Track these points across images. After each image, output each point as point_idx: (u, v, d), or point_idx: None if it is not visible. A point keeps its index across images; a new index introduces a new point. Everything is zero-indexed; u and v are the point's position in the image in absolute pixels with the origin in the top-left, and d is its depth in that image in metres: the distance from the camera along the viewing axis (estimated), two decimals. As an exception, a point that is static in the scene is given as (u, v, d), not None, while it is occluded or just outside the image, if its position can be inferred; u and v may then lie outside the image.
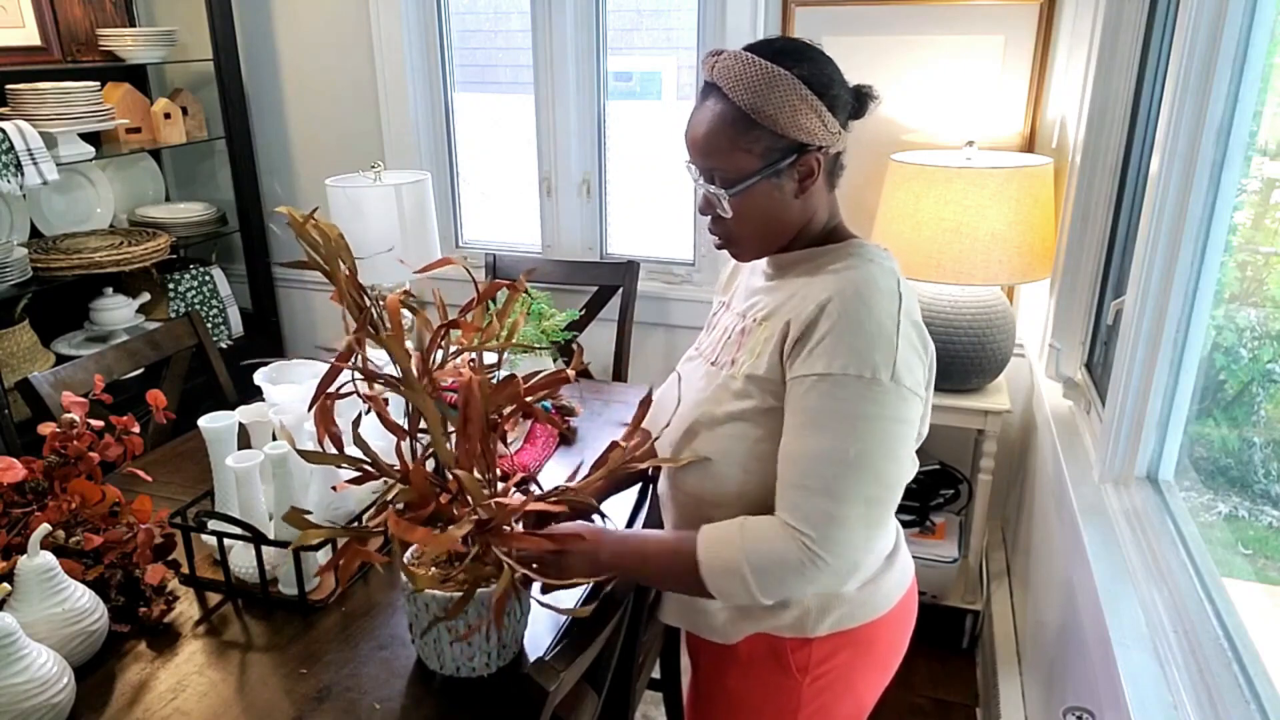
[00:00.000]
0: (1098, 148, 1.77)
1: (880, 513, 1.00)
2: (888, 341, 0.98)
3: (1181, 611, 1.10)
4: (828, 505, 0.97)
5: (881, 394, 0.97)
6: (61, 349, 2.62)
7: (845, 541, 0.97)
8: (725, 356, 1.13)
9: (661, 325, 2.72)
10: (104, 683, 1.15)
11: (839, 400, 0.98)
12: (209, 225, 2.93)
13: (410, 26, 2.71)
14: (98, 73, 2.66)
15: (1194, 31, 1.18)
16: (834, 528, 0.97)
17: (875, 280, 1.02)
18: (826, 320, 0.99)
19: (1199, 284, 1.26)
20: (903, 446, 1.01)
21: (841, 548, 0.97)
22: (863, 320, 0.98)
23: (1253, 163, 1.21)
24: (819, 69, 1.04)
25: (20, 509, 1.26)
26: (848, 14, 2.26)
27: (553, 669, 0.98)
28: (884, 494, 1.00)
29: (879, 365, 0.97)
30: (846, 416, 0.98)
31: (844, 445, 0.97)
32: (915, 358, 1.02)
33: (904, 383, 0.99)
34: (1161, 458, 1.37)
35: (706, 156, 1.06)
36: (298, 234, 1.00)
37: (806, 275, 1.08)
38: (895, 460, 1.00)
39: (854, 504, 0.97)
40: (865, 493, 0.98)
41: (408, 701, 1.11)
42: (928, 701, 2.16)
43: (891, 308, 1.00)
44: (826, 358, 0.99)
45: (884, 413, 0.98)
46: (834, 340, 0.99)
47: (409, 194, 2.17)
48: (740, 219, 1.08)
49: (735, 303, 1.20)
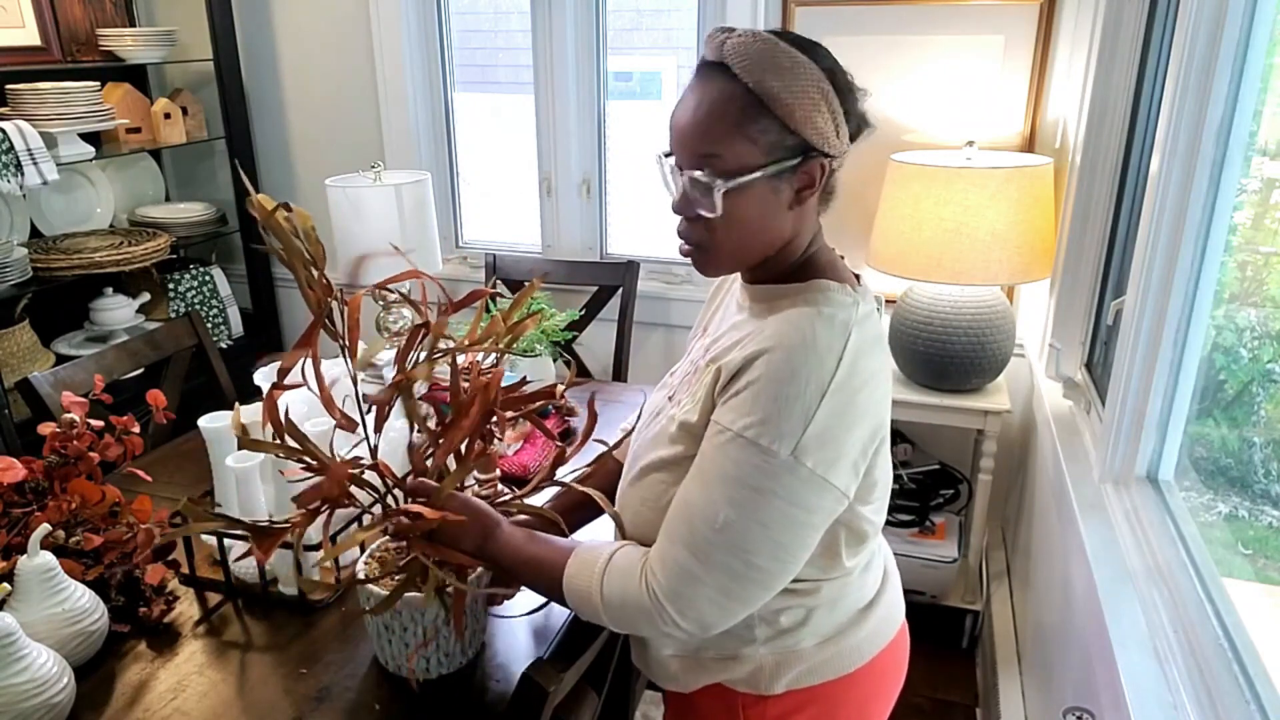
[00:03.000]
0: (1098, 148, 1.77)
1: (744, 589, 0.91)
2: (802, 414, 0.87)
3: (1181, 611, 1.10)
4: (686, 561, 0.91)
5: (776, 469, 0.88)
6: (61, 349, 2.62)
7: (694, 601, 0.91)
8: (680, 394, 1.04)
9: (661, 325, 2.72)
10: (104, 683, 1.15)
11: (730, 461, 0.90)
12: (209, 225, 2.93)
13: (410, 26, 2.71)
14: (98, 73, 2.66)
15: (1194, 31, 1.18)
16: (685, 584, 0.91)
17: (815, 339, 0.89)
18: (750, 373, 0.91)
19: (1199, 284, 1.26)
20: (787, 530, 0.90)
21: (689, 608, 0.91)
22: (783, 384, 0.88)
23: (1253, 163, 1.21)
24: (843, 71, 0.95)
25: (20, 509, 1.26)
26: (848, 14, 2.26)
27: (553, 669, 0.98)
28: (749, 572, 0.91)
29: (782, 437, 0.87)
30: (731, 480, 0.90)
31: (717, 508, 0.90)
32: (841, 433, 0.89)
33: (806, 463, 0.88)
34: (1161, 458, 1.37)
35: (703, 140, 0.91)
36: (264, 223, 0.95)
37: (764, 316, 0.97)
38: (772, 542, 0.90)
39: (711, 569, 0.90)
40: (726, 562, 0.90)
41: (408, 702, 1.11)
42: (927, 701, 2.16)
43: (822, 375, 0.88)
44: (734, 413, 0.91)
45: (773, 489, 0.88)
46: (749, 397, 0.90)
47: (409, 194, 2.16)
48: (727, 222, 0.94)
49: (711, 327, 1.13)
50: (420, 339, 1.04)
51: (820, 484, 0.90)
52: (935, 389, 2.16)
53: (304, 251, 0.97)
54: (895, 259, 2.02)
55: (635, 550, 0.98)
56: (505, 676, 1.16)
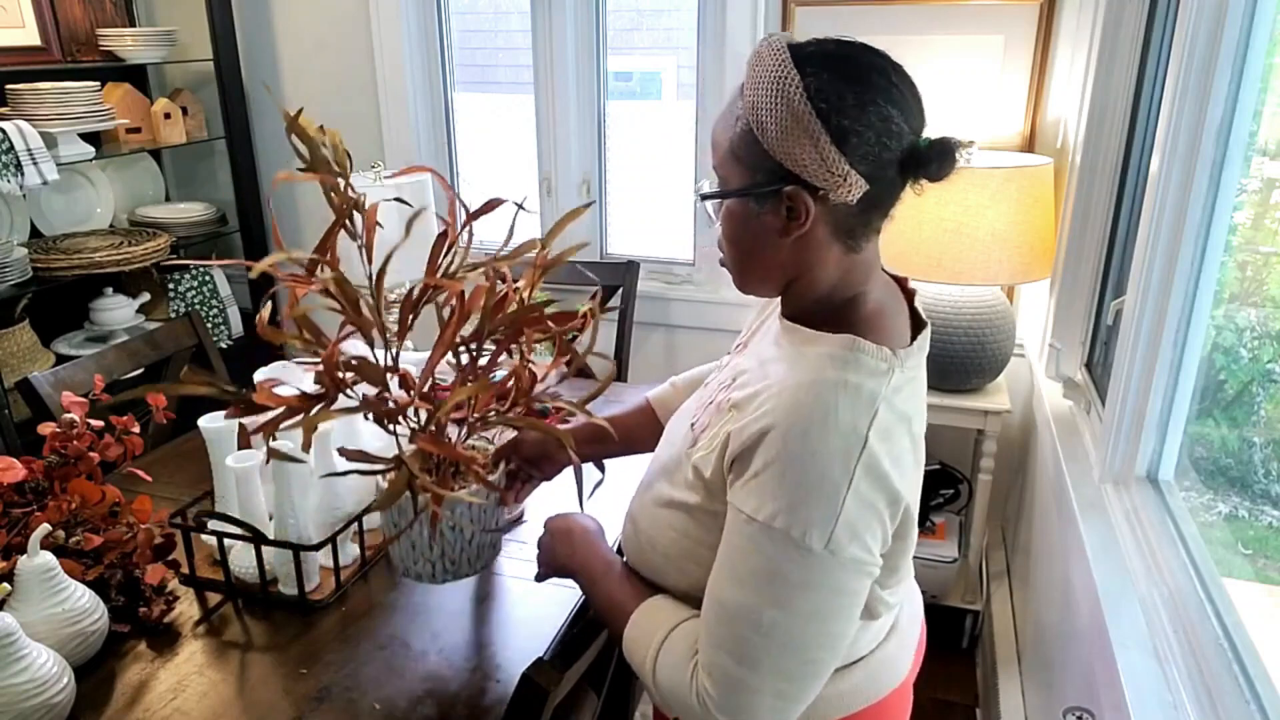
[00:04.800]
0: (1098, 148, 1.77)
1: (798, 688, 0.86)
2: (829, 499, 0.81)
3: (1181, 611, 1.10)
4: (735, 670, 0.85)
5: (812, 562, 0.81)
6: (61, 349, 2.62)
7: (753, 710, 0.86)
8: (702, 421, 0.98)
9: (661, 325, 2.71)
10: (104, 683, 1.15)
11: (763, 555, 0.83)
12: (209, 225, 2.93)
13: (410, 26, 2.71)
14: (98, 73, 2.66)
15: (1194, 31, 1.18)
16: (741, 695, 0.86)
17: (835, 411, 0.82)
18: (765, 452, 0.83)
19: (1199, 284, 1.26)
20: (835, 618, 0.85)
21: (744, 715, 0.86)
22: (805, 466, 0.81)
23: (1253, 163, 1.21)
24: (846, 87, 0.82)
25: (20, 509, 1.26)
26: (848, 14, 2.26)
27: (553, 669, 0.98)
28: (803, 669, 0.86)
29: (812, 527, 0.80)
30: (767, 575, 0.83)
31: (759, 608, 0.83)
32: (871, 518, 0.83)
33: (843, 553, 0.81)
34: (1161, 458, 1.37)
35: (712, 153, 0.91)
36: (290, 130, 0.96)
37: (793, 360, 0.90)
38: (824, 633, 0.85)
39: (763, 675, 0.84)
40: (778, 665, 0.84)
41: (408, 701, 1.11)
42: (928, 701, 2.16)
43: (847, 451, 0.81)
44: (757, 499, 0.83)
45: (813, 580, 0.82)
46: (769, 480, 0.82)
47: (409, 194, 2.16)
48: (725, 237, 0.92)
49: (750, 347, 1.04)
50: (446, 248, 1.06)
51: (856, 567, 0.84)
52: (935, 389, 2.16)
53: (330, 160, 1.01)
54: (895, 259, 2.02)
55: (688, 637, 0.92)
56: (505, 676, 1.16)
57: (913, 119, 0.85)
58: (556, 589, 1.35)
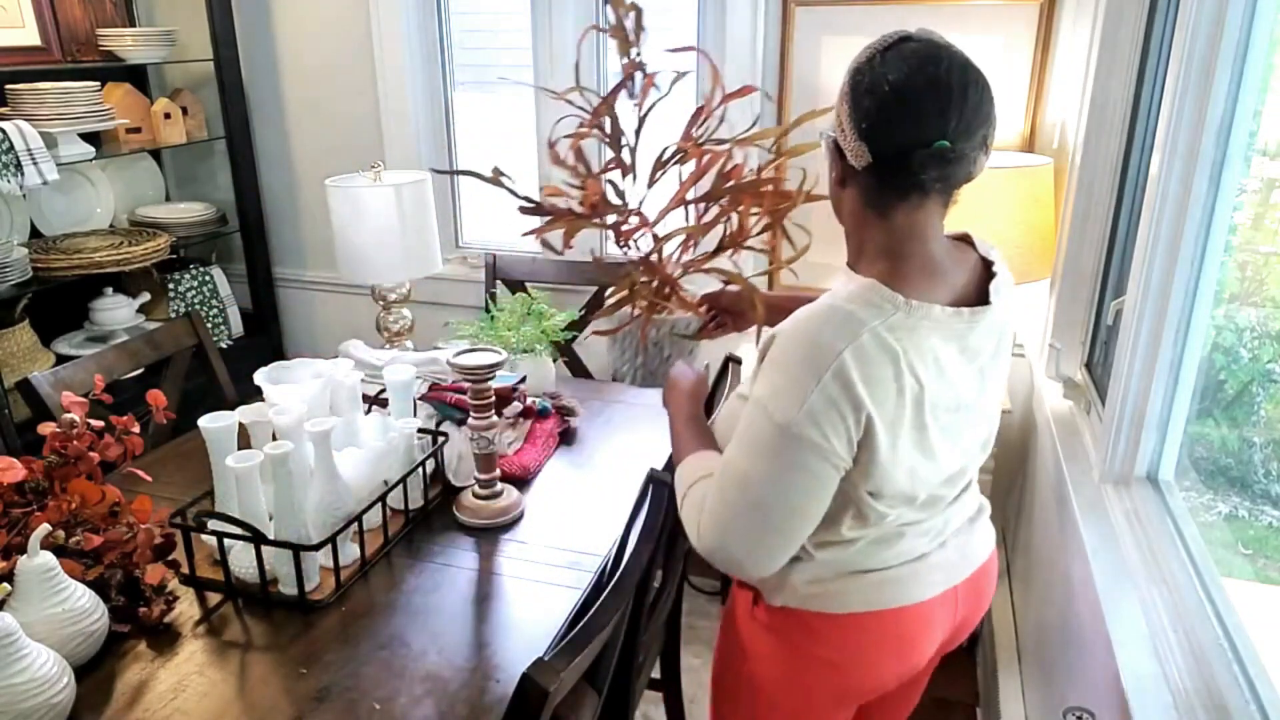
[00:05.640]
0: (1098, 148, 1.77)
1: (764, 543, 1.06)
2: (801, 391, 0.99)
3: (1181, 611, 1.10)
4: (719, 512, 1.07)
5: (775, 435, 1.02)
6: (61, 349, 2.62)
7: (721, 548, 1.08)
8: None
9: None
10: (104, 683, 1.15)
11: (754, 427, 1.05)
12: (209, 225, 2.93)
13: (410, 26, 2.71)
14: (98, 73, 2.65)
15: (1194, 31, 1.18)
16: (717, 532, 1.08)
17: (823, 328, 1.01)
18: (771, 352, 1.05)
19: (1199, 284, 1.26)
20: (795, 490, 1.03)
21: (705, 536, 1.09)
22: (790, 363, 1.02)
23: (1253, 163, 1.21)
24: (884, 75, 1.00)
25: (20, 509, 1.26)
26: (848, 14, 2.26)
27: (553, 669, 0.98)
28: (766, 524, 1.05)
29: (780, 409, 1.01)
30: (752, 441, 1.05)
31: (743, 467, 1.05)
32: (833, 413, 0.99)
33: (804, 434, 1.00)
34: (1161, 458, 1.37)
35: None
36: None
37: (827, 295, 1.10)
38: (788, 502, 1.04)
39: (737, 522, 1.06)
40: (750, 518, 1.05)
41: (407, 701, 1.11)
42: (928, 700, 2.16)
43: (822, 361, 0.99)
44: (758, 385, 1.05)
45: (779, 450, 1.02)
46: (766, 371, 1.05)
47: (409, 194, 2.16)
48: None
49: None
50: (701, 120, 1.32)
51: (816, 450, 1.01)
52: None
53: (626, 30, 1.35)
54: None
55: (706, 481, 1.13)
56: (505, 676, 1.16)
57: (948, 123, 0.98)
58: (556, 589, 1.35)
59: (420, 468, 1.53)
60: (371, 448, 1.47)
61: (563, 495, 1.64)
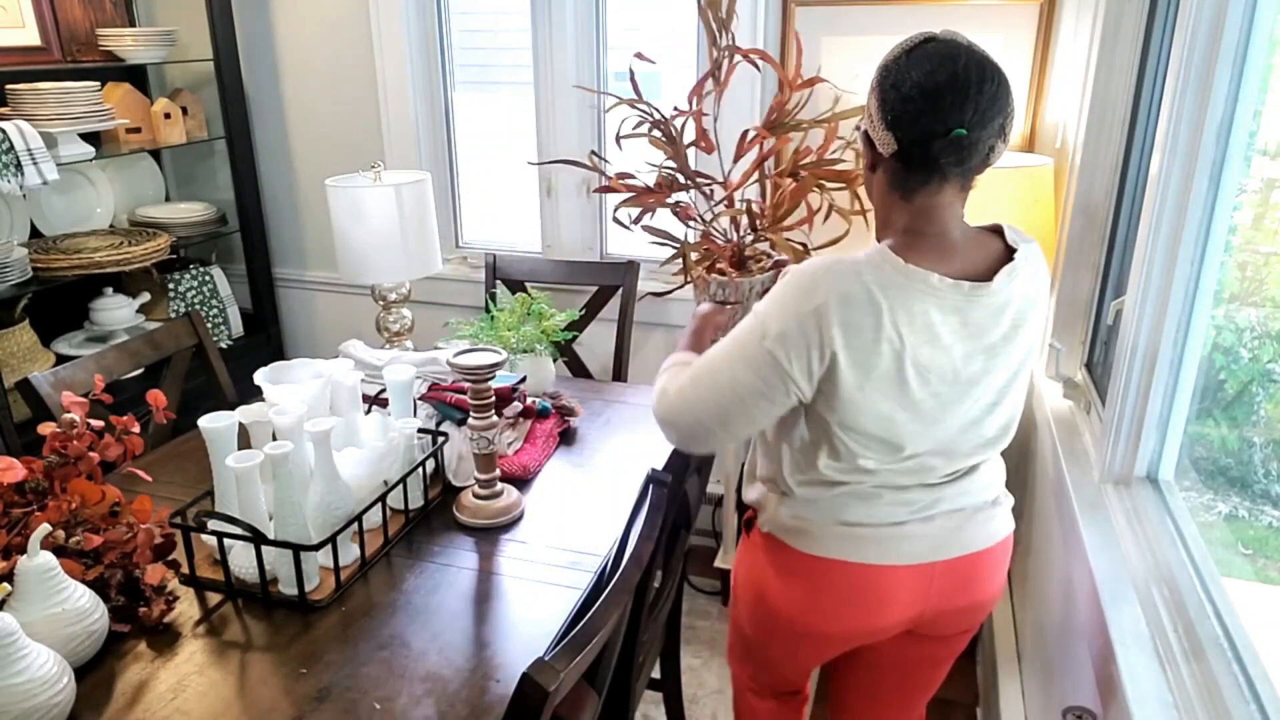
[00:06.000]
0: (1098, 148, 1.77)
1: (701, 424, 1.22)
2: (783, 316, 1.13)
3: (1181, 611, 1.10)
4: (686, 377, 1.24)
5: (751, 341, 1.16)
6: (61, 349, 2.62)
7: (671, 398, 1.24)
8: None
9: (661, 325, 2.71)
10: (104, 683, 1.15)
11: (741, 328, 1.20)
12: (209, 225, 2.93)
13: (410, 26, 2.71)
14: (98, 73, 2.66)
15: (1194, 31, 1.18)
16: (674, 387, 1.24)
17: (824, 274, 1.13)
18: (784, 278, 1.18)
19: (1199, 284, 1.26)
20: (742, 383, 1.17)
21: (663, 401, 1.26)
22: (788, 292, 1.14)
23: (1253, 163, 1.20)
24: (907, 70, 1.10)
25: (20, 509, 1.26)
26: (848, 14, 2.26)
27: (553, 669, 0.98)
28: (711, 400, 1.19)
29: (765, 323, 1.15)
30: (734, 338, 1.20)
31: (719, 351, 1.21)
32: (800, 341, 1.12)
33: (766, 345, 1.14)
34: (1161, 458, 1.37)
35: None
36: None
37: None
38: (733, 390, 1.17)
39: (694, 385, 1.22)
40: (703, 379, 1.21)
41: (408, 701, 1.11)
42: (928, 701, 2.16)
43: (810, 300, 1.12)
44: (763, 300, 1.20)
45: (743, 341, 1.17)
46: (773, 292, 1.19)
47: (409, 194, 2.16)
48: None
49: None
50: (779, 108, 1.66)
51: (773, 360, 1.14)
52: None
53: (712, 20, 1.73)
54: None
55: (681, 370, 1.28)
56: (505, 676, 1.16)
57: (965, 114, 1.08)
58: (556, 589, 1.35)
59: (420, 468, 1.53)
60: (371, 448, 1.47)
61: (563, 495, 1.64)
